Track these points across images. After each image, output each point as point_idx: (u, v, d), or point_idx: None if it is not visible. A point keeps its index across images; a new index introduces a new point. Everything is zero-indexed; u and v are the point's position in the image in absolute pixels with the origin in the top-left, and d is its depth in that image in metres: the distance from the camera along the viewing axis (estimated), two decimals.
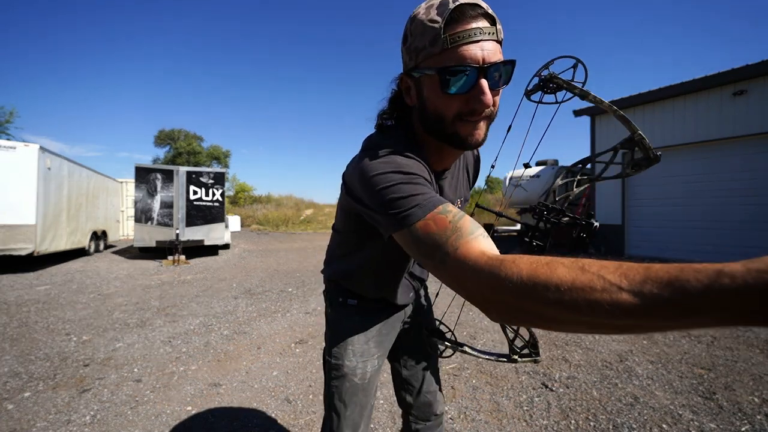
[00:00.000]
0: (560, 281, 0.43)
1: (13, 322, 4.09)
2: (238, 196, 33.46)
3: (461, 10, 0.63)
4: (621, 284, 0.39)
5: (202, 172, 9.88)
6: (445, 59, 0.64)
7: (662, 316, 0.36)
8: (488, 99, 0.65)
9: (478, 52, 0.63)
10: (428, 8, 0.66)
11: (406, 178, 0.66)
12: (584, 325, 0.43)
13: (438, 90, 0.67)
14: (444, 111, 0.69)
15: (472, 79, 0.64)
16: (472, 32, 0.62)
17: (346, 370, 0.97)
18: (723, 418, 2.12)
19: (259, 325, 3.96)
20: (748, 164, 7.90)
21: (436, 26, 0.63)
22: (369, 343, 1.01)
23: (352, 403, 0.97)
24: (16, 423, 2.12)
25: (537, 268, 0.45)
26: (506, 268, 0.48)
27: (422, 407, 1.14)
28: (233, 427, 2.10)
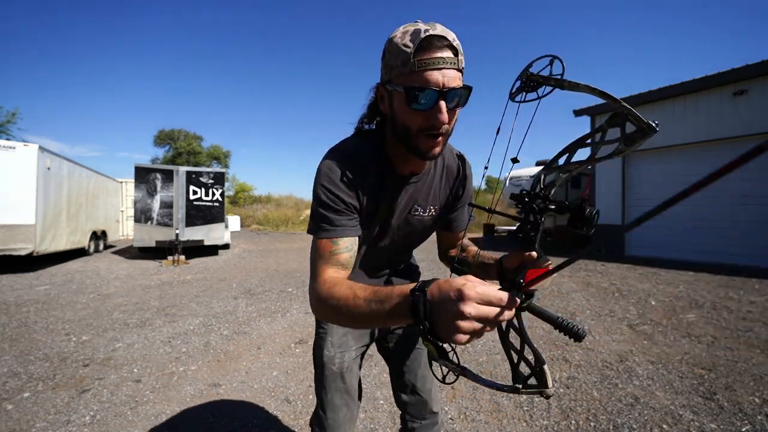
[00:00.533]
0: (338, 298, 0.77)
1: (13, 322, 4.09)
2: (238, 196, 33.45)
3: (429, 40, 0.74)
4: (357, 297, 0.73)
5: (202, 172, 9.88)
6: (412, 80, 0.76)
7: (376, 317, 0.70)
8: (444, 117, 0.78)
9: (440, 78, 0.75)
10: (404, 33, 0.77)
11: (330, 200, 0.88)
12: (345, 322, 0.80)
13: (405, 105, 0.79)
14: (409, 124, 0.81)
15: (432, 100, 0.77)
16: (437, 60, 0.75)
17: (326, 360, 1.09)
18: (724, 419, 2.12)
19: (259, 325, 3.96)
20: (749, 164, 7.83)
21: (408, 51, 0.75)
22: (347, 336, 1.12)
23: (332, 388, 1.09)
24: (15, 423, 2.12)
25: (332, 287, 0.79)
26: (320, 285, 0.82)
27: (417, 406, 1.20)
28: (233, 427, 2.10)
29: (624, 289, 5.61)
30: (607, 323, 3.93)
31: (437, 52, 0.75)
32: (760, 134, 7.63)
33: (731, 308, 4.42)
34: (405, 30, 0.78)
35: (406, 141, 0.85)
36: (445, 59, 0.75)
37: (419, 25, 0.77)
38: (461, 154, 1.10)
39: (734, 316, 4.12)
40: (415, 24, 0.79)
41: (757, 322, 3.89)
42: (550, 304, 4.75)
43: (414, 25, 0.78)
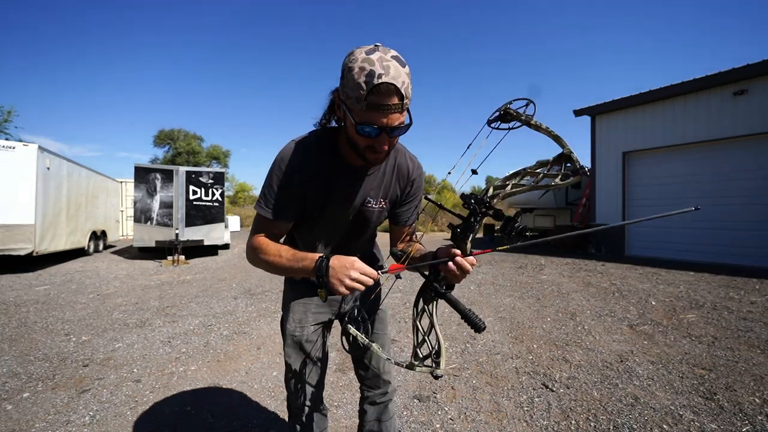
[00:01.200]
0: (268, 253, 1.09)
1: (12, 322, 4.08)
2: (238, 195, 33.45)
3: (379, 89, 0.85)
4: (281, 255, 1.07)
5: (202, 172, 9.87)
6: (361, 116, 0.90)
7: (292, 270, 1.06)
8: (384, 147, 0.96)
9: (384, 120, 0.90)
10: (360, 70, 0.86)
11: (278, 186, 1.08)
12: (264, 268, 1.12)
13: (353, 130, 0.94)
14: (357, 143, 0.97)
15: (375, 133, 0.92)
16: (383, 106, 0.88)
17: (288, 332, 1.30)
18: (724, 419, 2.11)
19: (258, 325, 3.95)
20: (749, 164, 7.90)
21: (362, 92, 0.86)
22: (306, 314, 1.31)
23: (294, 354, 1.30)
24: (15, 423, 2.11)
25: (266, 245, 1.10)
26: (255, 241, 1.12)
27: (372, 378, 1.41)
28: (233, 427, 2.10)
29: (624, 289, 5.61)
30: (608, 323, 3.92)
31: (385, 99, 0.87)
32: (760, 134, 7.63)
33: (732, 308, 4.42)
34: (362, 66, 0.86)
35: (354, 150, 1.01)
36: (390, 106, 0.88)
37: (375, 66, 0.85)
38: (414, 158, 1.25)
39: (735, 316, 4.11)
40: (371, 57, 0.86)
41: (757, 322, 3.89)
42: (550, 304, 4.75)
43: (370, 63, 0.85)
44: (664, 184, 9.20)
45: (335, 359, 3.01)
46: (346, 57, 0.92)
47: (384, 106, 0.87)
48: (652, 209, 9.36)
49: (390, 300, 5.02)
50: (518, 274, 7.04)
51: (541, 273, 7.11)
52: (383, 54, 0.87)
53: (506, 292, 5.43)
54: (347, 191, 1.14)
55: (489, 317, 4.18)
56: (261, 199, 1.12)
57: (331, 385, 2.55)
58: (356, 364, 1.45)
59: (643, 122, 9.48)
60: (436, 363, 0.93)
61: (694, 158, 8.70)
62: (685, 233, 8.75)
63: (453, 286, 1.00)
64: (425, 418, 2.18)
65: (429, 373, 0.91)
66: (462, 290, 5.54)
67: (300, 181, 1.08)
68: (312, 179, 1.08)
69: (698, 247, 8.51)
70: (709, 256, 8.31)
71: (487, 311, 4.43)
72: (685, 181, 8.82)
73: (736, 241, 7.97)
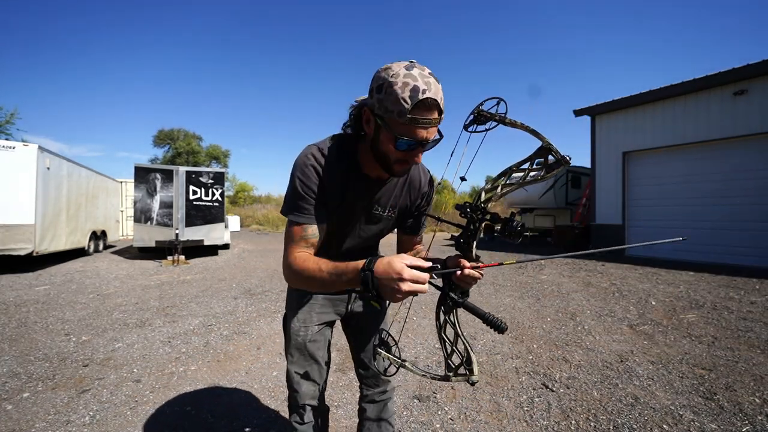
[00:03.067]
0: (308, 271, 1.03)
1: (12, 322, 4.08)
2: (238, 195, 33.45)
3: (425, 103, 0.88)
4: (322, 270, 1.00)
5: (202, 172, 9.86)
6: (403, 130, 0.92)
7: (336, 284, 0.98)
8: (419, 160, 1.01)
9: (424, 134, 0.93)
10: (404, 86, 0.88)
11: (303, 189, 1.07)
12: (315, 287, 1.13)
13: (390, 143, 0.96)
14: (390, 155, 0.99)
15: (414, 147, 0.95)
16: (426, 121, 0.91)
17: (292, 331, 1.31)
18: (724, 419, 2.11)
19: (258, 326, 3.95)
20: (749, 164, 7.89)
21: (406, 106, 0.88)
22: (311, 313, 1.31)
23: (298, 354, 1.31)
24: (15, 423, 2.11)
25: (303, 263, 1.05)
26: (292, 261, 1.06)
27: (372, 378, 1.43)
28: (233, 427, 2.10)
29: (624, 289, 5.61)
30: (608, 323, 3.92)
31: (427, 114, 0.90)
32: (760, 134, 7.63)
33: (732, 308, 4.42)
34: (406, 81, 0.88)
35: (382, 162, 1.03)
36: (431, 120, 0.91)
37: (419, 82, 0.88)
38: (426, 171, 1.28)
39: (735, 316, 4.11)
40: (413, 73, 0.89)
41: (757, 322, 3.89)
42: (550, 304, 4.75)
43: (413, 79, 0.88)
44: (664, 184, 9.20)
45: (335, 359, 3.01)
46: (382, 72, 0.93)
47: (426, 121, 0.91)
48: (652, 209, 9.36)
49: None
50: (518, 274, 7.04)
51: (541, 273, 7.11)
52: (421, 71, 0.90)
53: (506, 292, 5.43)
54: (360, 198, 1.16)
55: None
56: (289, 207, 1.09)
57: (332, 385, 2.55)
58: (357, 363, 1.46)
59: (643, 122, 9.48)
60: (469, 370, 0.93)
61: (694, 158, 8.70)
62: (685, 233, 8.75)
63: (468, 292, 1.02)
64: (425, 418, 2.18)
65: (465, 381, 0.92)
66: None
67: (322, 186, 1.09)
68: (331, 185, 1.09)
69: (698, 247, 8.51)
70: (709, 256, 8.31)
71: (487, 311, 4.43)
72: (685, 181, 8.82)
73: (736, 241, 7.97)
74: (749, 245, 7.79)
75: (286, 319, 1.36)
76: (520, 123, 0.88)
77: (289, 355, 1.32)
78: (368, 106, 0.98)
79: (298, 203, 1.08)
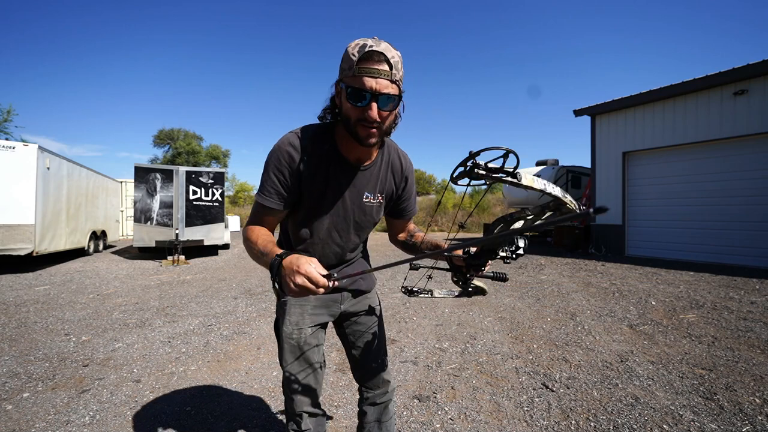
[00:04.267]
0: (249, 240, 1.11)
1: (12, 322, 4.08)
2: (238, 195, 33.45)
3: (369, 54, 0.95)
4: (257, 244, 1.07)
5: (202, 172, 9.86)
6: (353, 81, 0.97)
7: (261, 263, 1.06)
8: (374, 114, 0.99)
9: (373, 84, 0.96)
10: (355, 45, 0.97)
11: (273, 172, 1.11)
12: None
13: (346, 100, 1.00)
14: (349, 115, 1.02)
15: (366, 100, 0.97)
16: (372, 71, 0.95)
17: (285, 335, 1.28)
18: (724, 419, 2.11)
19: (258, 325, 3.95)
20: (749, 164, 7.89)
21: (354, 58, 0.96)
22: (303, 315, 1.29)
23: (292, 358, 1.28)
24: (15, 423, 2.11)
25: (251, 232, 1.13)
26: (246, 230, 1.16)
27: (374, 380, 1.43)
28: (233, 427, 2.09)
29: (624, 289, 5.61)
30: (608, 323, 3.92)
31: (375, 65, 0.95)
32: (760, 134, 7.62)
33: (732, 308, 4.42)
34: (356, 43, 0.97)
35: (348, 128, 1.06)
36: (379, 71, 0.95)
37: (368, 41, 0.96)
38: (404, 154, 1.32)
39: (735, 316, 4.11)
40: (366, 39, 0.98)
41: (757, 322, 3.89)
42: (550, 304, 4.75)
43: (364, 40, 0.97)
44: (664, 184, 9.20)
45: (335, 359, 3.01)
46: None
47: (373, 70, 0.95)
48: (652, 209, 9.36)
49: (390, 300, 5.02)
50: (518, 274, 7.04)
51: (541, 273, 7.11)
52: (377, 39, 0.98)
53: (506, 292, 5.43)
54: (345, 185, 1.18)
55: (489, 317, 4.18)
56: (260, 186, 1.16)
57: (331, 385, 2.55)
58: (356, 365, 1.44)
59: (643, 122, 9.48)
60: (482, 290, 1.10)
61: (694, 158, 8.70)
62: (685, 233, 8.76)
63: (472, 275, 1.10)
64: (425, 418, 2.18)
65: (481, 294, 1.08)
66: None
67: (296, 169, 1.12)
68: (308, 167, 1.12)
69: (698, 247, 8.51)
70: (709, 256, 8.31)
71: (487, 311, 4.43)
72: (685, 181, 8.82)
73: (736, 241, 7.97)
74: (749, 245, 7.79)
75: (278, 323, 1.33)
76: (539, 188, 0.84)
77: (284, 360, 1.29)
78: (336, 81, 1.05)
79: (266, 185, 1.13)
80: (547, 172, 13.60)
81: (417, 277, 1.50)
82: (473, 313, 4.37)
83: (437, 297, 1.12)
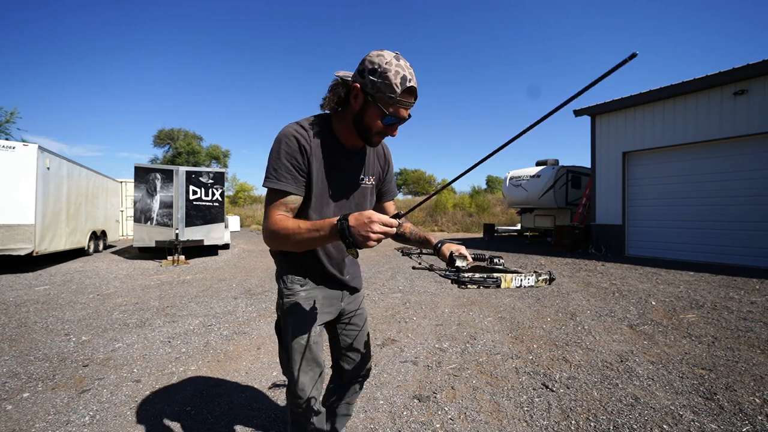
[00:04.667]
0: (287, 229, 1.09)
1: (12, 322, 4.08)
2: (238, 195, 33.43)
3: (410, 90, 1.12)
4: (301, 228, 1.07)
5: (202, 172, 9.85)
6: (390, 107, 1.12)
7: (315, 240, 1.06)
8: (396, 133, 1.22)
9: (405, 113, 1.16)
10: (396, 74, 1.08)
11: (286, 158, 1.16)
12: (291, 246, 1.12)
13: (377, 117, 1.15)
14: (372, 126, 1.18)
15: (394, 123, 1.17)
16: (407, 104, 1.14)
17: (291, 336, 1.29)
18: (724, 419, 2.11)
19: (258, 326, 3.95)
20: (749, 164, 7.89)
21: (397, 91, 1.09)
22: (309, 315, 1.32)
23: (299, 357, 1.30)
24: (15, 424, 2.11)
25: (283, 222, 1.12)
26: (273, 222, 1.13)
27: (361, 366, 1.54)
28: (233, 427, 2.09)
29: (624, 289, 5.61)
30: (608, 323, 3.92)
31: (410, 98, 1.14)
32: (760, 134, 7.62)
33: (732, 308, 4.42)
34: (396, 71, 1.08)
35: (363, 133, 1.20)
36: (411, 104, 1.15)
37: (406, 72, 1.10)
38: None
39: (735, 316, 4.11)
40: (401, 63, 1.10)
41: (757, 322, 3.89)
42: (550, 304, 4.75)
43: (402, 69, 1.09)
44: (664, 184, 9.20)
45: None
46: (375, 57, 1.10)
47: (408, 104, 1.14)
48: (652, 209, 9.36)
49: (390, 300, 5.02)
50: None
51: None
52: (406, 62, 1.11)
53: (506, 292, 5.43)
54: (345, 168, 1.29)
55: (489, 317, 4.18)
56: (271, 174, 1.17)
57: None
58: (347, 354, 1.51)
59: (643, 122, 9.48)
60: None
61: (694, 158, 8.70)
62: (685, 233, 8.75)
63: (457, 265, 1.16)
64: (425, 418, 2.18)
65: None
66: (462, 290, 5.54)
67: (305, 156, 1.19)
68: (313, 154, 1.20)
69: (698, 247, 8.51)
70: (709, 256, 8.31)
71: (487, 311, 4.43)
72: (685, 181, 8.82)
73: (736, 241, 7.97)
74: (749, 245, 7.79)
75: (283, 323, 1.32)
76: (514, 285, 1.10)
77: (292, 361, 1.28)
78: (359, 84, 1.12)
79: (280, 171, 1.16)
80: (547, 172, 13.59)
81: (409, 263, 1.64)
82: (473, 313, 4.37)
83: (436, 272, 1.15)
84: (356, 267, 1.52)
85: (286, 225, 1.10)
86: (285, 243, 1.11)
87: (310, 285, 1.33)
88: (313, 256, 1.33)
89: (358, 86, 1.12)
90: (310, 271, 1.35)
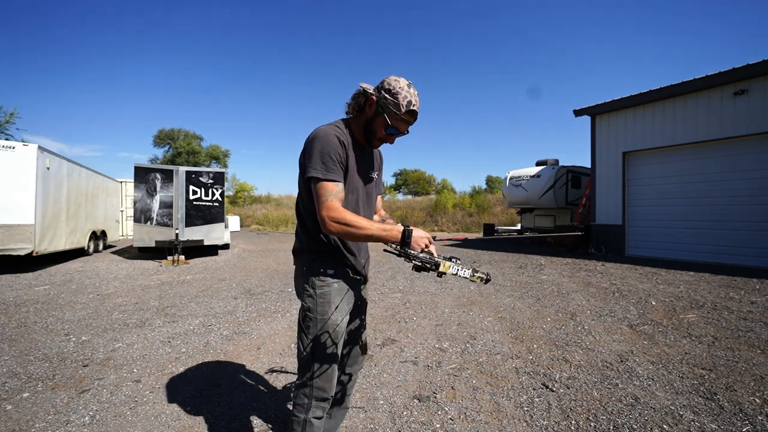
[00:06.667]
0: (357, 222, 1.28)
1: (12, 322, 4.08)
2: (238, 195, 33.41)
3: (411, 112, 1.42)
4: (372, 224, 1.32)
5: (202, 172, 9.85)
6: (395, 122, 1.42)
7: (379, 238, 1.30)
8: (393, 142, 1.53)
9: (404, 128, 1.46)
10: (404, 98, 1.38)
11: (332, 153, 1.34)
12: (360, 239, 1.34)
13: (382, 126, 1.43)
14: (378, 134, 1.46)
15: (394, 134, 1.47)
16: (407, 122, 1.45)
17: (329, 324, 1.41)
18: (724, 419, 2.11)
19: (258, 325, 3.95)
20: (749, 164, 7.89)
21: (402, 109, 1.39)
22: (343, 302, 1.46)
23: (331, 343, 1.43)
24: (14, 424, 2.11)
25: (350, 213, 1.30)
26: (338, 211, 1.28)
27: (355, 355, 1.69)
28: (233, 427, 2.09)
29: (624, 289, 5.61)
30: (608, 323, 3.92)
31: (411, 119, 1.44)
32: (761, 134, 7.62)
33: (732, 308, 4.42)
34: (405, 95, 1.38)
35: (368, 135, 1.47)
36: (412, 122, 1.46)
37: (413, 98, 1.40)
38: None
39: (735, 316, 4.11)
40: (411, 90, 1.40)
41: (757, 322, 3.89)
42: (550, 304, 4.75)
43: (411, 95, 1.39)
44: (664, 184, 9.19)
45: None
46: (393, 81, 1.39)
47: (408, 122, 1.45)
48: (652, 209, 9.36)
49: (390, 300, 5.02)
50: (518, 274, 7.04)
51: (541, 273, 7.11)
52: (415, 90, 1.42)
53: (506, 292, 5.43)
54: (362, 164, 1.51)
55: (489, 317, 4.18)
56: (320, 168, 1.32)
57: None
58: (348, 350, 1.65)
59: (643, 122, 9.48)
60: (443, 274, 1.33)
61: (695, 158, 8.70)
62: (685, 233, 8.75)
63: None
64: (425, 418, 2.18)
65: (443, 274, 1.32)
66: (462, 290, 5.54)
67: (345, 152, 1.39)
68: (348, 151, 1.42)
69: (698, 247, 8.51)
70: (709, 256, 8.30)
71: (487, 311, 4.43)
72: (685, 181, 8.82)
73: (736, 241, 7.97)
74: (749, 245, 7.79)
75: (315, 312, 1.42)
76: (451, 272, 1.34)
77: (324, 347, 1.40)
78: (375, 97, 1.40)
79: (329, 165, 1.33)
80: (547, 172, 13.58)
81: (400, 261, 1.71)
82: (473, 313, 4.37)
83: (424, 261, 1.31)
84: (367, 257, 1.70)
85: (355, 218, 1.28)
86: (351, 233, 1.27)
87: (340, 277, 1.48)
88: (348, 251, 1.50)
89: (374, 98, 1.40)
90: (340, 266, 1.48)
